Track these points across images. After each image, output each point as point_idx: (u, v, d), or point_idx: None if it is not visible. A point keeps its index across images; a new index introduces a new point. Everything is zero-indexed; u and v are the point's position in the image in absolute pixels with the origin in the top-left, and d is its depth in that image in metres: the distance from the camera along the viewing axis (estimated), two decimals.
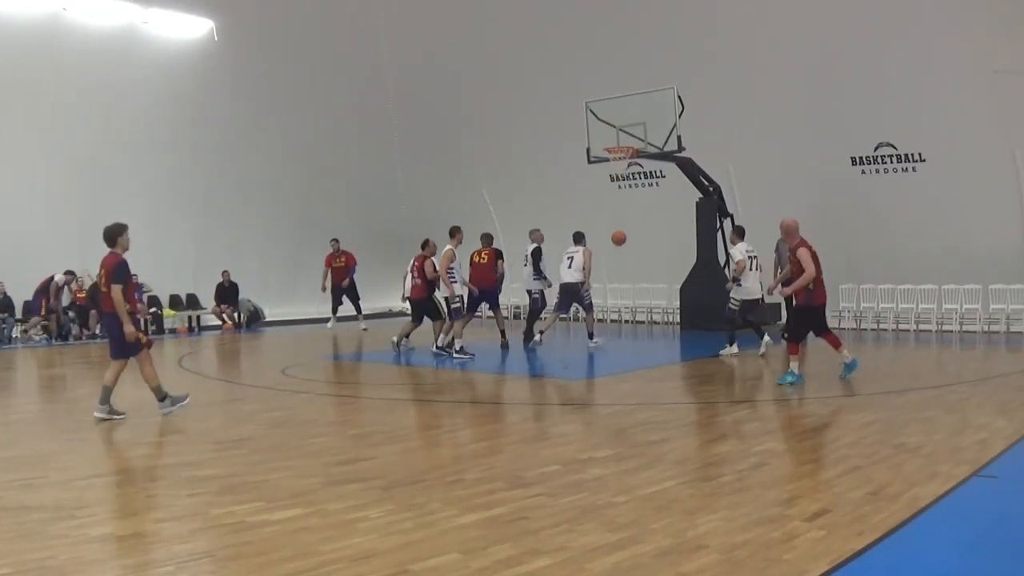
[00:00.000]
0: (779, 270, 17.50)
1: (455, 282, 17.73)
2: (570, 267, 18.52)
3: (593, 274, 18.75)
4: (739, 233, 17.56)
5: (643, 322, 24.67)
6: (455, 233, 17.91)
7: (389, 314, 30.54)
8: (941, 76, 19.96)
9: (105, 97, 23.53)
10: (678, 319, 23.14)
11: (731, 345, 16.79)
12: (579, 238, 18.87)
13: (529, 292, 19.30)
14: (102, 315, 11.36)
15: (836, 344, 12.91)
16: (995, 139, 19.79)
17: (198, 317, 26.27)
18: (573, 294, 18.75)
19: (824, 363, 14.08)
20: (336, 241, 25.04)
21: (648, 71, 21.80)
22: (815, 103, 21.55)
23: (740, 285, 16.63)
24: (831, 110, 21.40)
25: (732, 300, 16.83)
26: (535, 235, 19.35)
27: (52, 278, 22.68)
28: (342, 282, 24.74)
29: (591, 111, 21.64)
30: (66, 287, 23.01)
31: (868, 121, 21.08)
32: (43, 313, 22.71)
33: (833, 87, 21.21)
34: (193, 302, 26.39)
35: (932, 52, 19.88)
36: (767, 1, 21.72)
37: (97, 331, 22.96)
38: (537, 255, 19.14)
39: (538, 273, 19.11)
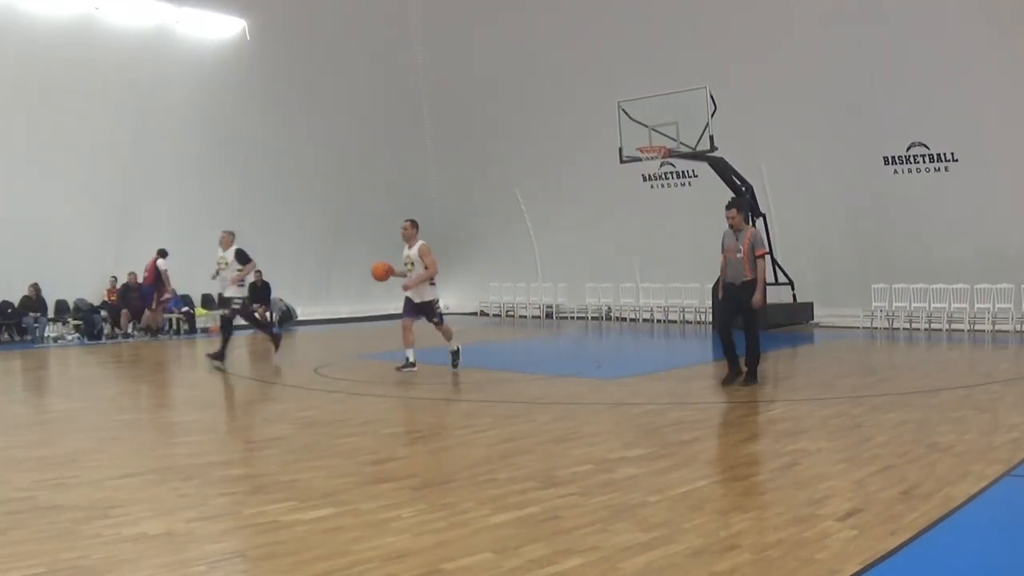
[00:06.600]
0: None
1: None
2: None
3: (623, 273, 18.65)
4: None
5: (675, 321, 24.60)
6: None
7: None
8: (973, 76, 19.88)
9: (137, 98, 23.71)
10: (710, 319, 23.11)
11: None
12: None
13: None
14: None
15: None
16: None
17: None
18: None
19: (849, 363, 13.98)
20: None
21: (680, 71, 21.86)
22: (847, 102, 21.50)
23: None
24: (863, 109, 21.32)
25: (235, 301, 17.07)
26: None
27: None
28: None
29: (623, 111, 21.67)
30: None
31: (900, 120, 21.01)
32: (154, 307, 23.26)
33: (865, 86, 21.14)
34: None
35: (964, 51, 19.79)
36: (799, 1, 21.67)
37: (129, 330, 23.15)
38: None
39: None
